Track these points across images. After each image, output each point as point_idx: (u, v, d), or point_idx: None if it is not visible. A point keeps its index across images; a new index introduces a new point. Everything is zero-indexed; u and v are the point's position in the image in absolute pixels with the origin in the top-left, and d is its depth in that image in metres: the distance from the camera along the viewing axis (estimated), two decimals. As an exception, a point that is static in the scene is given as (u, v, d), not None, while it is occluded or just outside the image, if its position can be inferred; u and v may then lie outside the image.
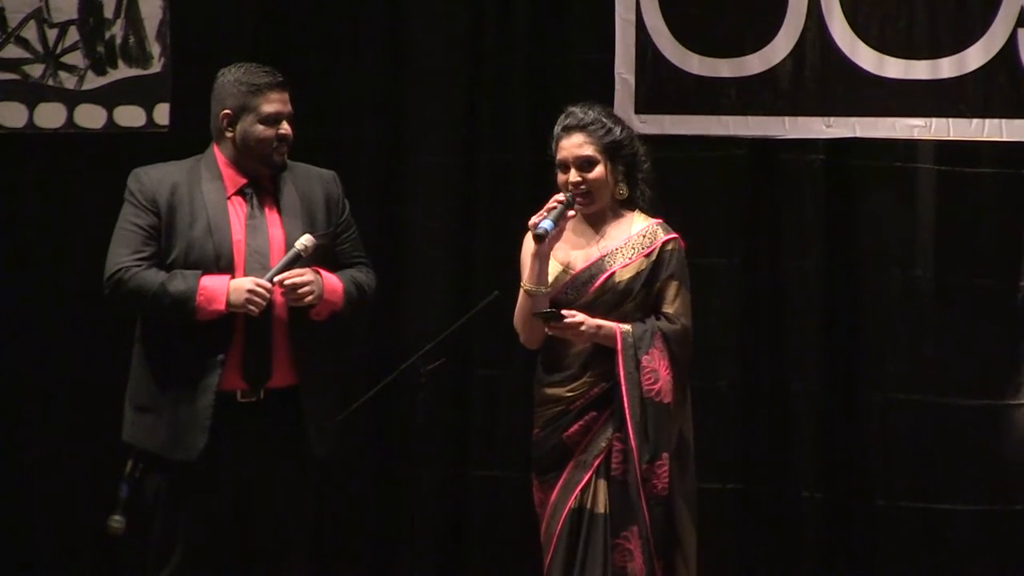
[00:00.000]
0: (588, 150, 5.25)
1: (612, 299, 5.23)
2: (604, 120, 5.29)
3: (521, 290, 5.25)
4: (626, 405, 5.15)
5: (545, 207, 5.17)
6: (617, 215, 5.34)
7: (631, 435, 5.14)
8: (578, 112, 5.30)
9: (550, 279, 5.24)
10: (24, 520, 6.91)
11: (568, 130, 5.28)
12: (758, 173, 6.60)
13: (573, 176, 5.24)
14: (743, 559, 6.61)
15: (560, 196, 5.18)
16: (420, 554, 6.77)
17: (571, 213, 5.18)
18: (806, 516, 6.54)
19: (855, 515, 6.54)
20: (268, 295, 5.05)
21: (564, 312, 5.13)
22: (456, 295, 6.75)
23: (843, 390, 6.56)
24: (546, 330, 5.19)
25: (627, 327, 5.20)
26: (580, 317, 5.14)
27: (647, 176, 5.37)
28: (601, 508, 5.16)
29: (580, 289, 5.24)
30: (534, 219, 5.15)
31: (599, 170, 5.26)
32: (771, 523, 6.60)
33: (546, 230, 5.09)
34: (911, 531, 6.50)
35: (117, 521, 5.11)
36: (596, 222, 5.31)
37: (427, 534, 6.77)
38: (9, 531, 6.90)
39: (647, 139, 5.83)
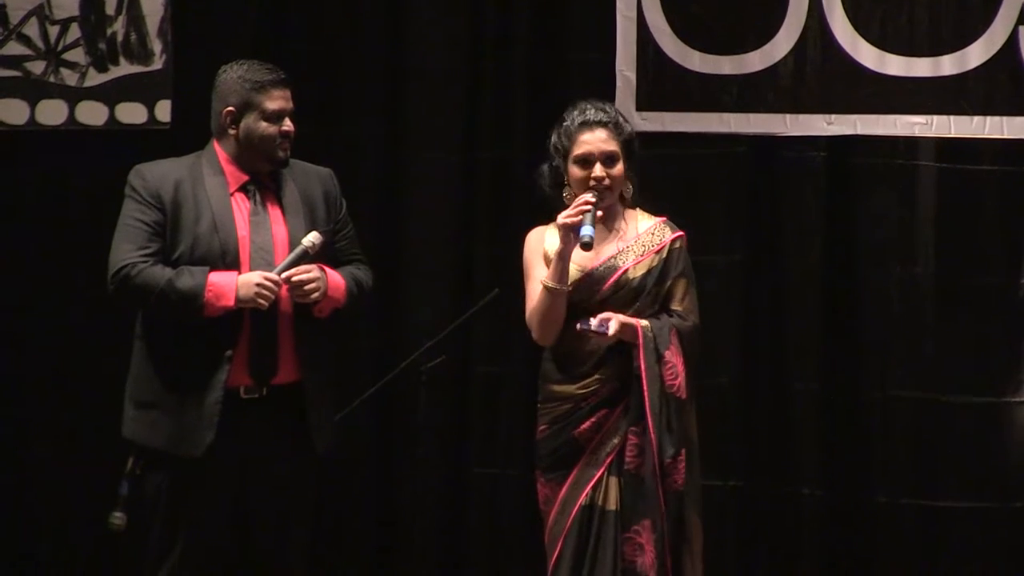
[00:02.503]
0: (613, 145, 5.26)
1: (625, 296, 5.24)
2: (621, 117, 5.32)
3: (540, 287, 5.22)
4: (647, 399, 5.16)
5: (575, 208, 5.13)
6: (623, 213, 5.35)
7: (652, 430, 5.14)
8: (596, 108, 5.30)
9: (561, 277, 5.27)
10: (24, 517, 6.91)
11: (591, 125, 5.27)
12: (759, 170, 6.61)
13: (598, 171, 5.23)
14: (744, 556, 6.61)
15: (589, 196, 5.16)
16: (421, 551, 6.77)
17: (599, 213, 5.19)
18: (807, 513, 6.54)
19: (856, 512, 6.54)
20: (277, 288, 5.05)
21: (604, 316, 5.13)
22: (456, 292, 6.75)
23: (844, 387, 6.56)
24: (577, 327, 5.18)
25: (646, 322, 5.22)
26: (614, 322, 5.14)
27: (635, 177, 5.39)
28: (612, 505, 5.16)
29: (593, 287, 5.24)
30: (565, 220, 5.13)
31: (620, 166, 5.27)
32: (772, 520, 6.60)
33: (591, 237, 5.09)
34: (912, 528, 6.50)
35: (118, 518, 5.11)
36: (608, 219, 5.31)
37: (428, 531, 6.77)
38: (9, 529, 6.90)
39: (648, 137, 5.85)
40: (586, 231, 5.09)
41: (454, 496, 6.83)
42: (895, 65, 6.43)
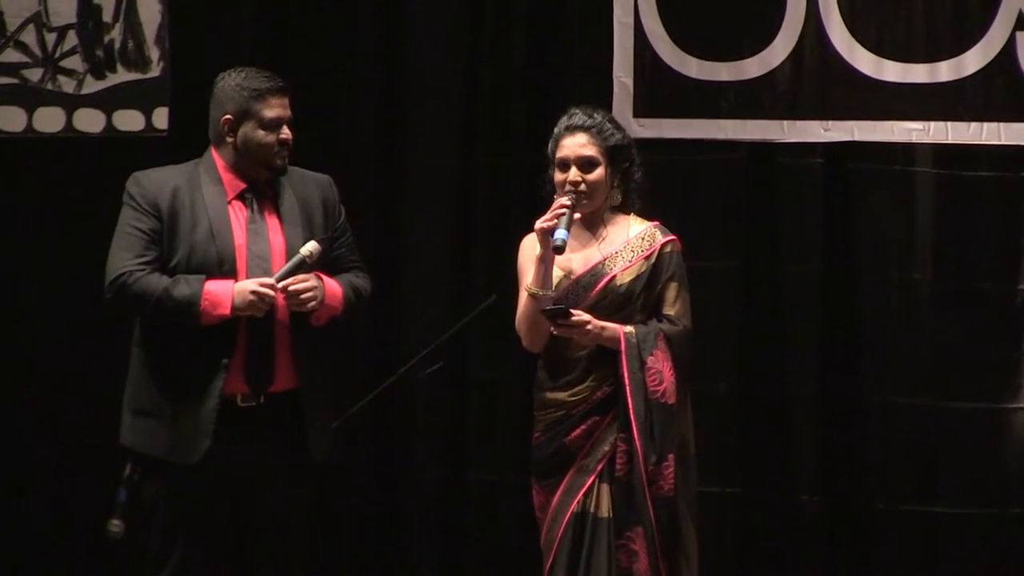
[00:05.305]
0: (591, 151, 5.25)
1: (614, 302, 5.24)
2: (608, 124, 5.31)
3: (524, 293, 5.25)
4: (631, 406, 5.15)
5: (551, 212, 5.14)
6: (613, 219, 5.34)
7: (636, 437, 5.14)
8: (582, 113, 5.31)
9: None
10: (23, 523, 6.91)
11: (572, 129, 5.28)
12: (756, 177, 6.61)
13: (573, 175, 5.24)
14: (743, 563, 6.61)
15: (565, 200, 5.17)
16: (419, 557, 6.78)
17: (576, 215, 5.19)
18: (805, 520, 6.54)
19: (854, 518, 6.54)
20: (272, 296, 5.05)
21: (572, 311, 5.13)
22: (454, 298, 6.76)
23: (842, 393, 6.56)
24: (552, 330, 5.19)
25: (630, 328, 5.21)
26: (586, 317, 5.15)
27: (638, 186, 5.37)
28: (604, 512, 5.16)
29: (581, 293, 5.24)
30: (542, 225, 5.13)
31: (599, 172, 5.26)
32: (770, 527, 6.60)
33: (563, 240, 5.09)
34: (910, 534, 6.50)
35: (116, 525, 5.11)
36: (593, 225, 5.32)
37: (426, 537, 6.78)
38: (8, 534, 6.89)
39: (645, 143, 5.84)
40: (559, 235, 5.09)
41: (452, 502, 6.83)
42: (892, 71, 6.43)
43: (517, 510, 6.36)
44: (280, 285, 5.06)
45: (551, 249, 5.11)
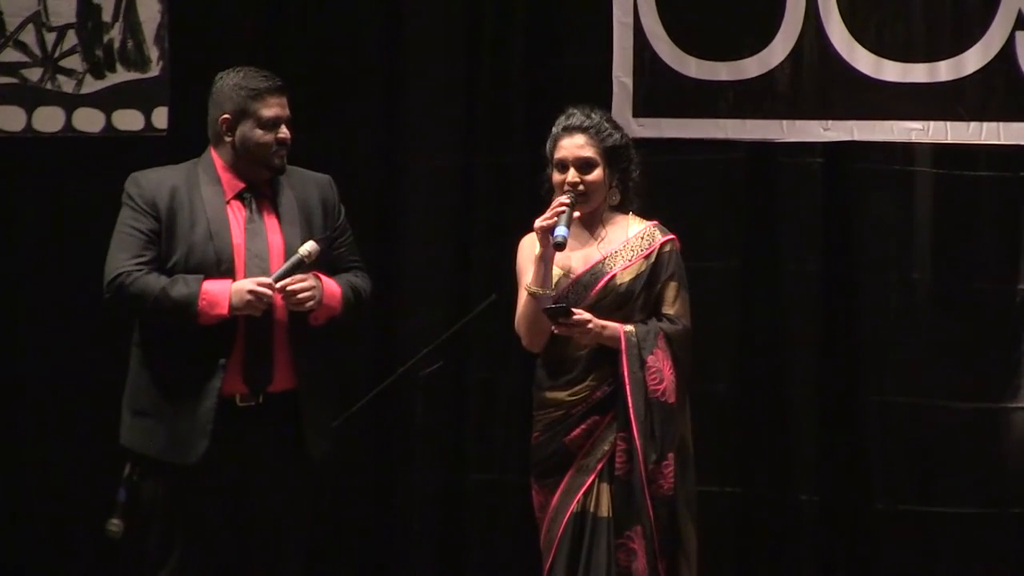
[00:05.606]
0: (589, 152, 5.26)
1: (614, 301, 5.24)
2: (606, 124, 5.31)
3: (524, 293, 5.25)
4: (631, 405, 5.16)
5: (551, 210, 5.15)
6: (612, 218, 5.35)
7: (636, 435, 5.15)
8: (580, 113, 5.31)
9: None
10: (22, 524, 6.91)
11: (570, 130, 5.28)
12: (756, 176, 6.61)
13: (571, 176, 5.24)
14: (742, 563, 6.61)
15: (564, 199, 5.18)
16: (418, 557, 6.77)
17: (576, 213, 5.19)
18: (805, 519, 6.54)
19: (853, 518, 6.54)
20: (270, 295, 5.05)
21: (573, 309, 5.13)
22: (454, 298, 6.76)
23: (841, 393, 6.56)
24: (553, 329, 5.19)
25: (630, 328, 5.21)
26: (588, 315, 5.15)
27: (636, 185, 5.38)
28: (604, 512, 5.17)
29: (581, 292, 5.25)
30: (542, 223, 5.14)
31: (597, 173, 5.27)
32: (770, 527, 6.60)
33: (564, 237, 5.10)
34: (910, 534, 6.50)
35: (115, 525, 5.11)
36: (592, 225, 5.32)
37: (425, 537, 6.77)
38: (7, 534, 6.90)
39: (645, 143, 5.84)
40: (559, 231, 5.10)
41: (451, 501, 6.83)
42: (892, 71, 6.43)
43: (517, 510, 6.37)
44: (278, 285, 5.06)
45: (552, 246, 5.12)
